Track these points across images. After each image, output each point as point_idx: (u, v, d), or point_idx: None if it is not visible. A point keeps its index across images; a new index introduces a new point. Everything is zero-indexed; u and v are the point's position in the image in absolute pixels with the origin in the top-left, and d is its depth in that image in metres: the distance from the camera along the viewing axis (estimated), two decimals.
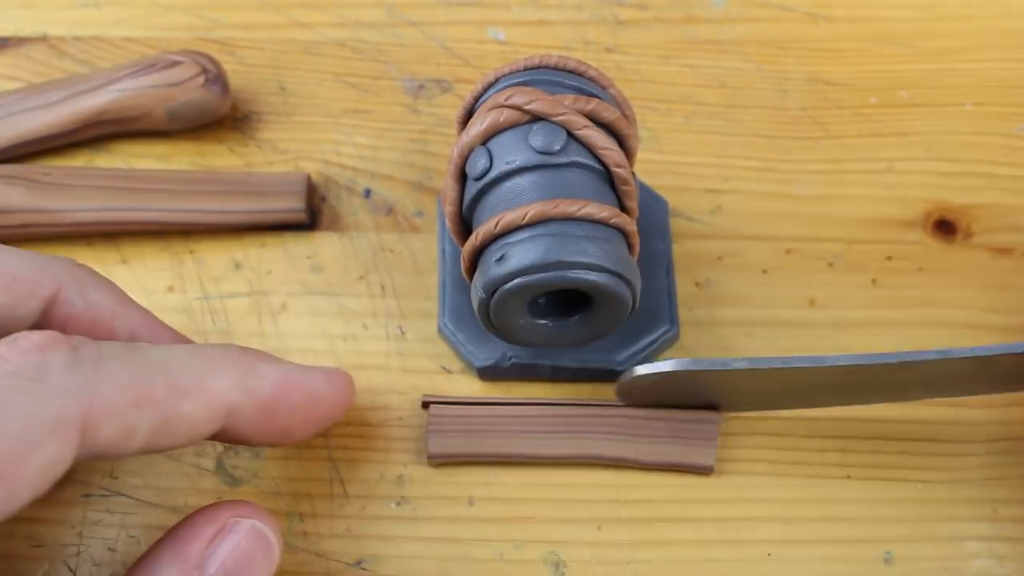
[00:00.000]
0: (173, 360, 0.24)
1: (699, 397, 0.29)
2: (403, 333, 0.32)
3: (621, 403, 0.30)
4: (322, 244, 0.34)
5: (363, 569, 0.28)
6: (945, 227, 0.34)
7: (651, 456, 0.29)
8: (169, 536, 0.24)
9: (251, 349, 0.26)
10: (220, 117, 0.35)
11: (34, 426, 0.21)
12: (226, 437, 0.25)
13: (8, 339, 0.23)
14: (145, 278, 0.33)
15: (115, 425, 0.22)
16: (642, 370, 0.28)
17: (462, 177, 0.29)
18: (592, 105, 0.28)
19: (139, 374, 0.23)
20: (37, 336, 0.23)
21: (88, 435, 0.22)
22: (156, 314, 0.32)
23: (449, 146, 0.36)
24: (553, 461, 0.29)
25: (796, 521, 0.29)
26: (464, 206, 0.29)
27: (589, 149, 0.27)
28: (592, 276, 0.26)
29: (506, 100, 0.27)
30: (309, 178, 0.34)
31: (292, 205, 0.33)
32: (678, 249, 0.33)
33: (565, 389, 0.31)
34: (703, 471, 0.29)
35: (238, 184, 0.34)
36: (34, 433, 0.21)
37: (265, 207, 0.33)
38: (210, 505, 0.25)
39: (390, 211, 0.34)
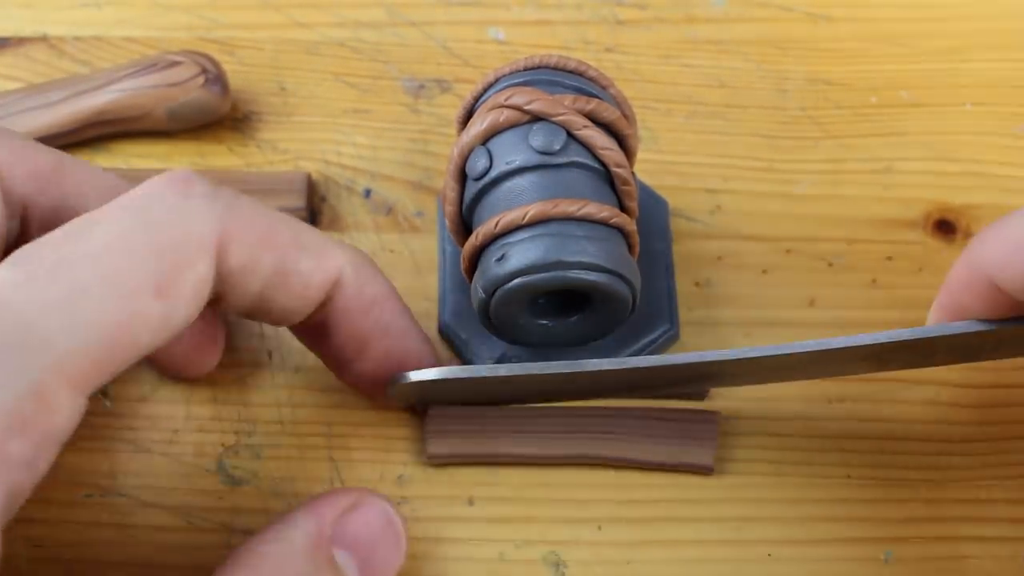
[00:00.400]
0: (300, 224, 0.25)
1: (468, 398, 0.29)
2: None
3: (620, 404, 0.30)
4: None
5: None
6: (945, 227, 0.34)
7: (651, 456, 0.29)
8: (306, 502, 0.25)
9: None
10: (220, 117, 0.35)
11: (187, 243, 0.22)
12: (317, 320, 0.26)
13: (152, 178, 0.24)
14: None
15: (243, 254, 0.23)
16: (414, 376, 0.28)
17: (462, 177, 0.29)
18: (592, 105, 0.28)
19: (268, 219, 0.24)
20: (179, 170, 0.24)
21: (220, 258, 0.23)
22: None
23: (449, 146, 0.36)
24: (553, 461, 0.29)
25: (796, 521, 0.29)
26: (464, 206, 0.29)
27: (589, 149, 0.27)
28: (592, 276, 0.26)
29: (506, 100, 0.27)
30: (309, 177, 0.34)
31: (292, 204, 0.34)
32: (678, 249, 0.33)
33: None
34: (703, 471, 0.29)
35: (238, 184, 0.34)
36: (187, 249, 0.22)
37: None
38: (343, 488, 0.26)
39: (390, 211, 0.34)
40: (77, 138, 0.35)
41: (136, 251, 0.22)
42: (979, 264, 0.25)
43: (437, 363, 0.28)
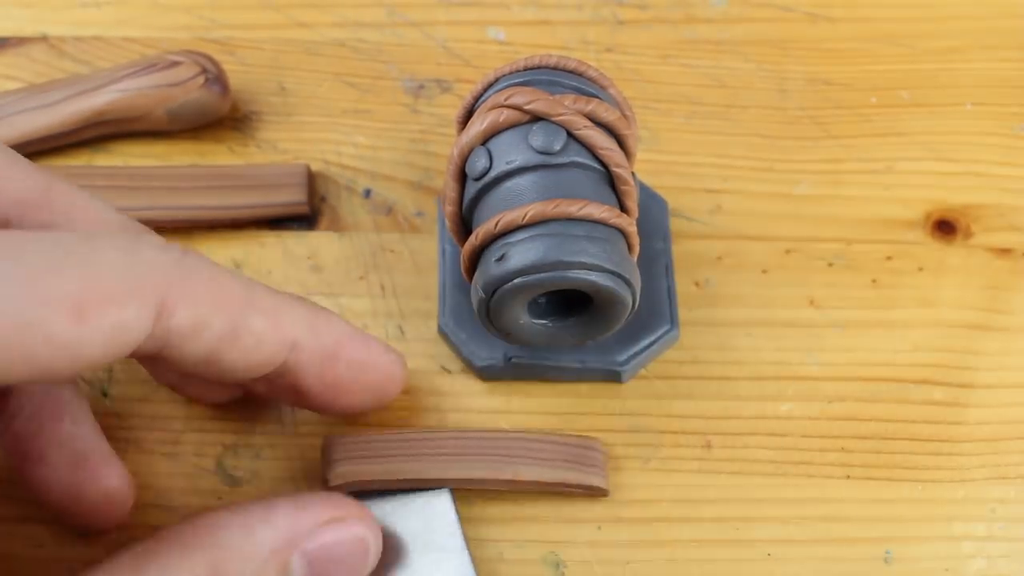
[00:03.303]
0: (254, 283, 0.25)
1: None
2: (403, 333, 0.32)
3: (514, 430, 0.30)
4: (322, 244, 0.34)
5: None
6: (945, 227, 0.34)
7: (547, 478, 0.28)
8: (292, 499, 0.25)
9: (322, 307, 0.27)
10: (220, 117, 0.35)
11: (119, 281, 0.22)
12: (286, 381, 0.26)
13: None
14: None
15: (190, 313, 0.23)
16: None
17: (462, 177, 0.29)
18: (592, 105, 0.28)
19: (220, 279, 0.24)
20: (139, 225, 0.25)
21: (164, 314, 0.22)
22: None
23: (449, 146, 0.36)
24: (455, 484, 0.28)
25: (796, 521, 0.29)
26: (464, 206, 0.29)
27: (589, 149, 0.27)
28: (592, 276, 0.26)
29: (506, 100, 0.27)
30: (308, 168, 0.34)
31: (293, 198, 0.34)
32: (678, 249, 0.33)
33: (565, 389, 0.31)
34: (598, 493, 0.29)
35: (238, 178, 0.34)
36: (118, 288, 0.22)
37: (266, 201, 0.33)
38: (338, 496, 0.25)
39: (390, 211, 0.34)
40: (77, 138, 0.35)
41: (64, 270, 0.21)
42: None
43: (405, 370, 0.28)
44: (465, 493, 0.29)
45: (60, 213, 0.26)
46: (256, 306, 0.24)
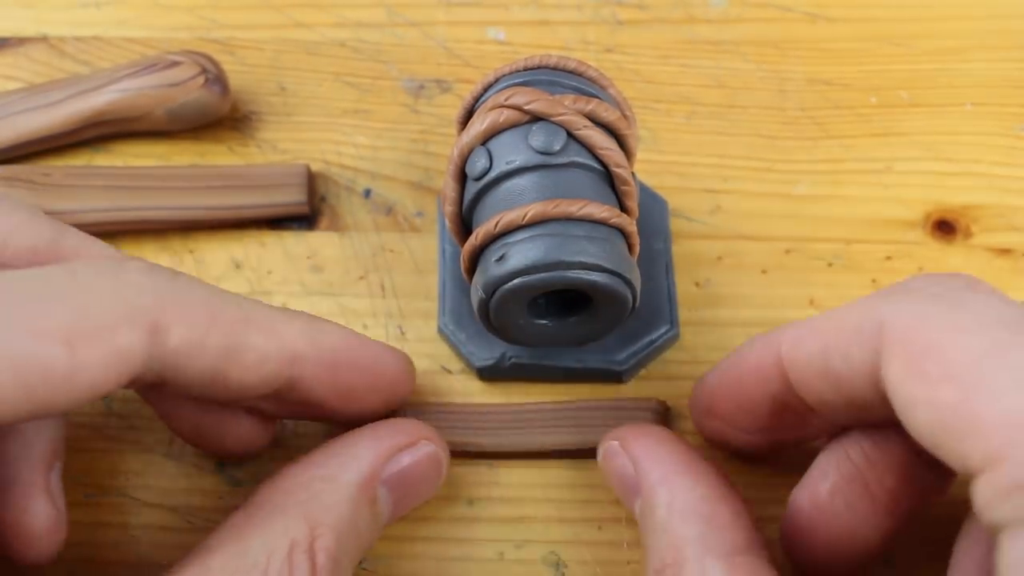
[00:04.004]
0: (246, 302, 0.25)
1: None
2: (403, 333, 0.32)
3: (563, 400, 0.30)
4: (322, 244, 0.34)
5: (363, 569, 0.28)
6: (945, 227, 0.34)
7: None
8: (367, 432, 0.26)
9: (320, 317, 0.27)
10: (220, 117, 0.35)
11: (109, 307, 0.21)
12: (296, 395, 0.25)
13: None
14: None
15: (185, 332, 0.23)
16: None
17: (462, 177, 0.29)
18: (592, 105, 0.28)
19: (213, 297, 0.24)
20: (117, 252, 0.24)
21: (158, 336, 0.22)
22: None
23: (449, 146, 0.36)
24: (499, 453, 0.29)
25: None
26: (464, 206, 0.29)
27: (589, 149, 0.27)
28: (592, 276, 0.26)
29: (506, 100, 0.27)
30: (308, 168, 0.34)
31: (293, 198, 0.34)
32: (678, 249, 0.33)
33: (564, 389, 0.31)
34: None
35: (238, 178, 0.34)
36: (108, 314, 0.21)
37: (266, 201, 0.33)
38: (405, 421, 0.27)
39: (390, 211, 0.34)
40: (77, 138, 0.35)
41: (53, 303, 0.21)
42: (776, 342, 0.25)
43: (412, 367, 0.28)
44: (464, 490, 0.29)
45: (68, 257, 0.26)
46: (252, 322, 0.24)
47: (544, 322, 0.29)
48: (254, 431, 0.27)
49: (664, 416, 0.30)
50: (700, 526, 0.23)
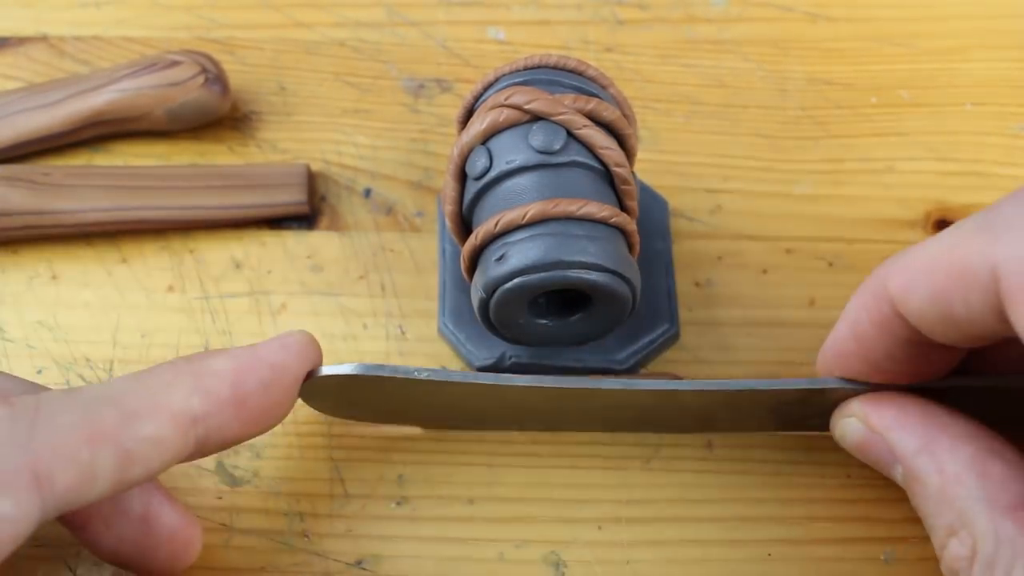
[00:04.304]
0: (117, 389, 0.23)
1: (395, 411, 0.28)
2: (403, 333, 0.32)
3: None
4: (322, 244, 0.34)
5: (363, 569, 0.28)
6: (946, 227, 0.34)
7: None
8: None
9: (196, 354, 0.25)
10: (220, 117, 0.35)
11: None
12: (213, 446, 0.25)
13: None
14: (145, 278, 0.33)
15: (71, 470, 0.21)
16: (325, 371, 0.27)
17: (462, 177, 0.29)
18: (592, 105, 0.28)
19: (84, 412, 0.22)
20: None
21: (44, 487, 0.21)
22: (156, 314, 0.32)
23: (449, 146, 0.36)
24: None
25: (796, 521, 0.29)
26: (464, 206, 0.29)
27: (589, 149, 0.27)
28: (592, 276, 0.26)
29: (506, 100, 0.27)
30: (308, 168, 0.34)
31: (293, 198, 0.34)
32: (678, 249, 0.33)
33: None
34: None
35: (238, 178, 0.34)
36: None
37: (266, 201, 0.33)
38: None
39: (390, 211, 0.34)
40: (77, 138, 0.35)
41: None
42: (882, 289, 0.24)
43: (307, 341, 0.27)
44: (464, 490, 0.29)
45: None
46: (135, 414, 0.23)
47: (544, 322, 0.29)
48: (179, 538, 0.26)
49: None
50: (977, 487, 0.23)
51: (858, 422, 0.26)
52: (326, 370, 0.27)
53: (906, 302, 0.23)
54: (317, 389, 0.27)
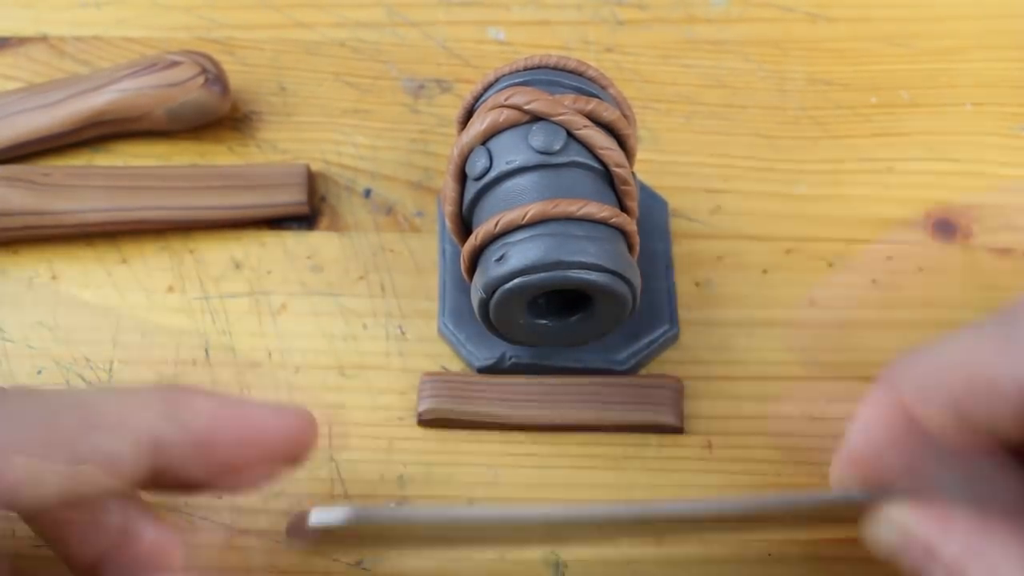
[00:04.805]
0: (91, 399, 0.23)
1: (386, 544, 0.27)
2: (403, 333, 0.32)
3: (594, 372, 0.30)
4: (322, 244, 0.34)
5: (363, 569, 0.28)
6: (945, 227, 0.34)
7: (620, 419, 0.30)
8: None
9: (190, 386, 0.25)
10: (220, 117, 0.35)
11: None
12: (170, 482, 0.24)
13: None
14: (145, 278, 0.33)
15: (18, 468, 0.21)
16: (315, 519, 0.22)
17: (462, 177, 0.29)
18: (592, 105, 0.28)
19: (46, 413, 0.22)
20: None
21: None
22: (156, 314, 0.32)
23: (449, 146, 0.36)
24: (535, 425, 0.30)
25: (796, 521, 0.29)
26: (464, 206, 0.29)
27: (589, 149, 0.27)
28: (592, 276, 0.26)
29: (506, 100, 0.27)
30: (308, 168, 0.34)
31: (293, 198, 0.34)
32: (678, 249, 0.33)
33: None
34: (672, 430, 0.30)
35: (238, 178, 0.34)
36: None
37: (266, 201, 0.33)
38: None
39: (390, 211, 0.34)
40: (77, 138, 0.35)
41: None
42: (895, 397, 0.23)
43: (309, 422, 0.25)
44: (464, 490, 0.29)
45: None
46: (96, 425, 0.22)
47: (544, 322, 0.29)
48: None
49: (682, 393, 0.30)
50: None
51: (895, 526, 0.24)
52: (316, 517, 0.23)
53: (923, 411, 0.23)
54: (304, 534, 0.24)
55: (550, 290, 0.27)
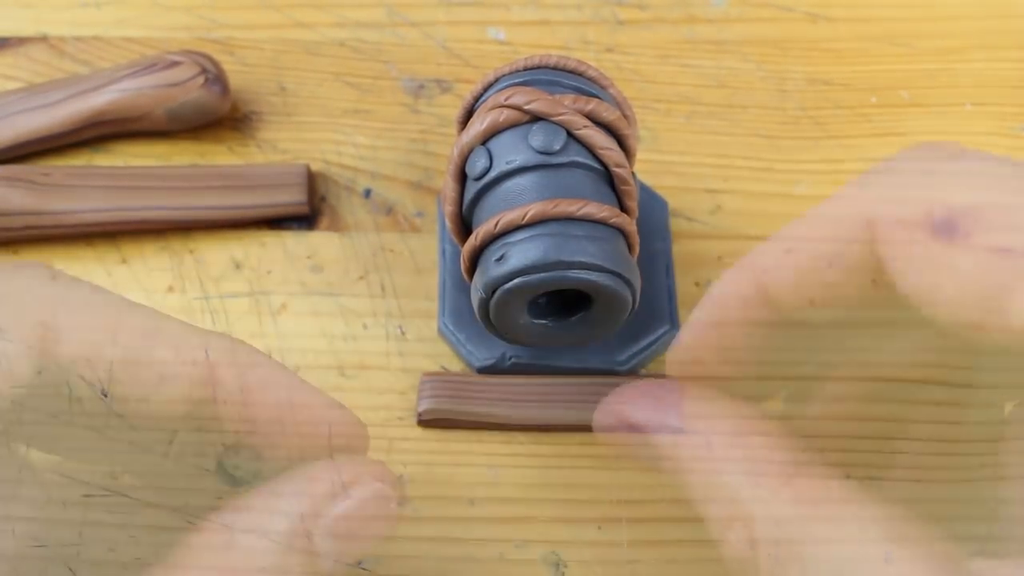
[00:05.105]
0: (159, 317, 0.23)
1: None
2: (403, 333, 0.32)
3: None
4: (322, 244, 0.34)
5: (363, 569, 0.28)
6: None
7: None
8: (298, 474, 0.24)
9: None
10: (220, 117, 0.35)
11: None
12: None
13: None
14: (145, 278, 0.33)
15: (75, 341, 0.22)
16: None
17: (462, 177, 0.29)
18: (592, 105, 0.28)
19: (115, 306, 0.22)
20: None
21: (48, 343, 0.21)
22: None
23: (449, 146, 0.36)
24: (537, 426, 0.30)
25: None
26: (464, 206, 0.29)
27: (589, 149, 0.27)
28: (592, 276, 0.26)
29: (506, 100, 0.27)
30: (308, 168, 0.34)
31: (293, 198, 0.34)
32: (678, 249, 0.33)
33: None
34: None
35: (238, 178, 0.34)
36: None
37: (266, 201, 0.33)
38: (345, 460, 0.24)
39: (390, 211, 0.34)
40: (77, 138, 0.35)
41: None
42: (749, 272, 0.24)
43: (353, 419, 0.26)
44: (464, 490, 0.29)
45: None
46: (157, 336, 0.22)
47: (544, 322, 0.29)
48: None
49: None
50: (744, 461, 0.22)
51: (615, 422, 0.25)
52: None
53: (774, 279, 0.23)
54: None
55: (550, 290, 0.27)
